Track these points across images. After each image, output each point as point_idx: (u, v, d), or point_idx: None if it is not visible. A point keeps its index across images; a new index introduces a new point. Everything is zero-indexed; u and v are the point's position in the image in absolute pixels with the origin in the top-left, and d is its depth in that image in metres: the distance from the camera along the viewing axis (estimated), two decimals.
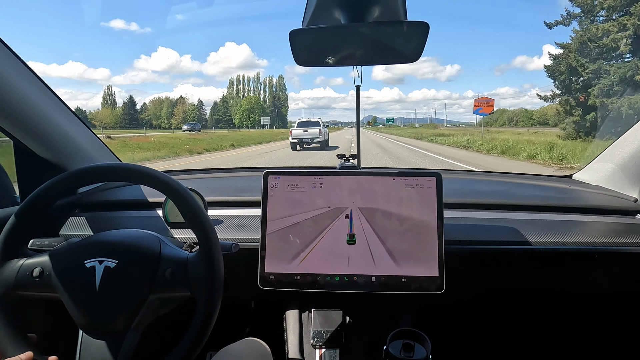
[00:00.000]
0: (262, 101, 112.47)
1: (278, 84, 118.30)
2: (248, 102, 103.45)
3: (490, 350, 1.21)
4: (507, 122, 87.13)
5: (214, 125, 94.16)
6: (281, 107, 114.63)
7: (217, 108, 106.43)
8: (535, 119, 74.84)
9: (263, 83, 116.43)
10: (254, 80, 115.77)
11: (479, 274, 0.96)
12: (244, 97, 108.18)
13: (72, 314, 0.62)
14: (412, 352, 0.74)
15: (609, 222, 1.00)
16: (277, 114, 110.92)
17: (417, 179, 0.81)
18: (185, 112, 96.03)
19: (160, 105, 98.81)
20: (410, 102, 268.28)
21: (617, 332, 1.15)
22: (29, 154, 0.98)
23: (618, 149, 1.18)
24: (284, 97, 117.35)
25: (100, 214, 1.04)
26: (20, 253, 0.65)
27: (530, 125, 66.06)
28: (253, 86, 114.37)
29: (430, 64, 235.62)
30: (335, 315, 0.99)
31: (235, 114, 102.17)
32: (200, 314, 0.61)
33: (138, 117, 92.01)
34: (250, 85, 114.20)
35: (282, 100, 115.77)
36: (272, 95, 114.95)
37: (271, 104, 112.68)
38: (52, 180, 0.65)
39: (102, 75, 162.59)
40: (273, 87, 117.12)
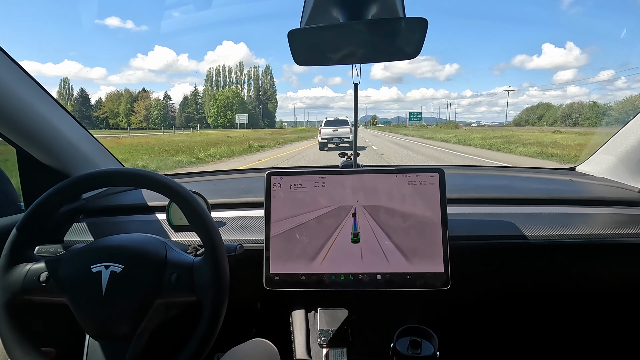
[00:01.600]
0: (244, 95, 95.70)
1: (265, 75, 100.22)
2: (224, 96, 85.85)
3: (498, 344, 1.20)
4: (560, 120, 68.09)
5: (183, 125, 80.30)
6: (268, 102, 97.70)
7: (188, 104, 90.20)
8: (615, 115, 43.18)
9: (247, 75, 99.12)
10: (237, 71, 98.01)
11: (484, 269, 0.96)
12: (219, 91, 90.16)
13: (78, 319, 0.62)
14: (419, 348, 0.74)
15: (614, 213, 1.00)
16: (261, 110, 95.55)
17: (419, 176, 0.81)
18: (147, 109, 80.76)
19: (118, 100, 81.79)
20: (408, 102, 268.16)
21: (624, 323, 1.15)
22: (32, 162, 0.98)
23: (621, 140, 1.17)
24: (272, 91, 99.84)
25: (105, 219, 1.05)
26: (26, 258, 0.65)
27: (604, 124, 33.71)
28: (235, 78, 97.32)
29: (430, 62, 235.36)
30: (342, 314, 0.99)
31: (209, 110, 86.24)
32: (206, 318, 0.61)
33: (91, 114, 79.83)
34: (231, 78, 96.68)
35: (269, 95, 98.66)
36: (257, 89, 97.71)
37: (255, 99, 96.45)
38: (56, 187, 0.66)
39: (98, 75, 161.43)
40: (259, 79, 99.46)
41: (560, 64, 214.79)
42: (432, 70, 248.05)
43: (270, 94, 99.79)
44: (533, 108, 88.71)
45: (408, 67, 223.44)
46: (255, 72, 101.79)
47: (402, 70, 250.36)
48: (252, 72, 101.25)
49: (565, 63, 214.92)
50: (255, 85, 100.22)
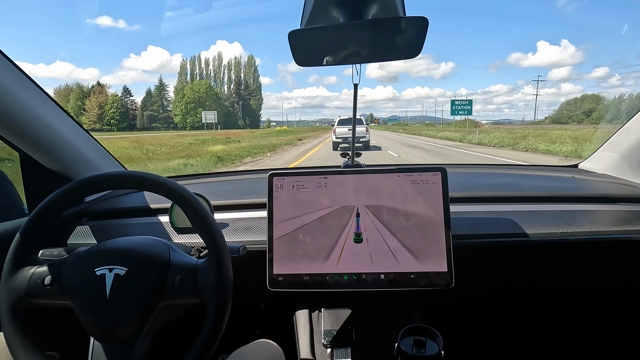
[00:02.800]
0: (222, 89, 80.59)
1: (247, 67, 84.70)
2: (194, 91, 69.53)
3: (502, 343, 1.20)
4: (625, 116, 37.97)
5: (145, 125, 69.09)
6: (250, 98, 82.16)
7: (151, 100, 74.05)
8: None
9: (227, 67, 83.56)
10: (215, 64, 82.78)
11: (488, 268, 0.96)
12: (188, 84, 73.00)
13: (83, 322, 0.62)
14: (424, 348, 0.74)
15: (617, 210, 0.99)
16: (241, 108, 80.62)
17: (422, 175, 0.81)
18: (101, 107, 65.69)
19: (67, 96, 65.31)
20: (403, 101, 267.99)
21: (629, 321, 1.14)
22: (35, 166, 0.98)
23: (623, 137, 1.17)
24: (255, 86, 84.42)
25: (108, 222, 1.05)
26: (31, 262, 0.65)
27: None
28: (214, 71, 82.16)
29: (425, 61, 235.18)
30: (345, 314, 0.99)
31: (176, 107, 71.21)
32: (210, 320, 0.61)
33: None
34: (209, 71, 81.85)
35: (252, 90, 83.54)
36: (237, 82, 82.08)
37: (234, 94, 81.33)
38: (59, 190, 0.66)
39: (90, 75, 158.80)
40: (241, 72, 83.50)
41: (555, 61, 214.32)
42: (427, 69, 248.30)
43: (253, 89, 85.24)
44: (576, 101, 73.20)
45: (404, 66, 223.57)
46: (237, 65, 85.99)
47: (398, 69, 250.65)
48: (233, 63, 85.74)
49: (560, 60, 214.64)
50: (236, 78, 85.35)
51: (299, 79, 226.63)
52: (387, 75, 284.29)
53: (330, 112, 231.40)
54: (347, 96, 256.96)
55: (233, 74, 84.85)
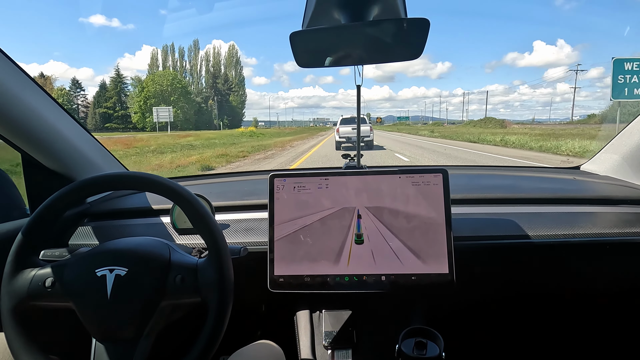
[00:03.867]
0: (192, 82, 68.24)
1: (227, 58, 72.34)
2: (156, 83, 56.16)
3: (504, 345, 1.19)
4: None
5: (97, 126, 58.27)
6: (229, 94, 69.67)
7: (106, 95, 60.95)
8: None
9: (205, 57, 71.42)
10: (190, 53, 70.47)
11: (489, 269, 0.95)
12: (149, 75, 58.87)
13: (84, 323, 0.62)
14: (424, 350, 0.74)
15: (619, 212, 0.99)
16: (217, 104, 68.09)
17: (423, 176, 0.81)
18: None
19: None
20: (400, 100, 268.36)
21: (631, 323, 1.14)
22: (37, 166, 0.99)
23: (625, 139, 1.16)
24: (238, 80, 72.06)
25: (109, 223, 1.05)
26: (32, 263, 0.66)
27: None
28: (190, 63, 70.34)
29: (422, 61, 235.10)
30: (346, 316, 0.99)
31: (133, 103, 58.21)
32: (211, 320, 0.61)
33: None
34: (183, 62, 69.53)
35: (232, 85, 71.27)
36: (213, 75, 69.06)
37: (209, 88, 68.98)
38: (61, 191, 0.66)
39: (85, 75, 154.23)
40: (220, 63, 71.49)
41: (552, 61, 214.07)
42: (424, 69, 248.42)
43: (235, 84, 72.59)
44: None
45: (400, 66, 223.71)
46: (216, 55, 72.93)
47: (395, 69, 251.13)
48: (212, 53, 72.92)
49: (557, 60, 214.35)
50: (215, 69, 71.93)
51: (295, 79, 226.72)
52: (384, 75, 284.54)
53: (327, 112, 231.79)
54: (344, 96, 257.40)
55: (212, 65, 73.11)
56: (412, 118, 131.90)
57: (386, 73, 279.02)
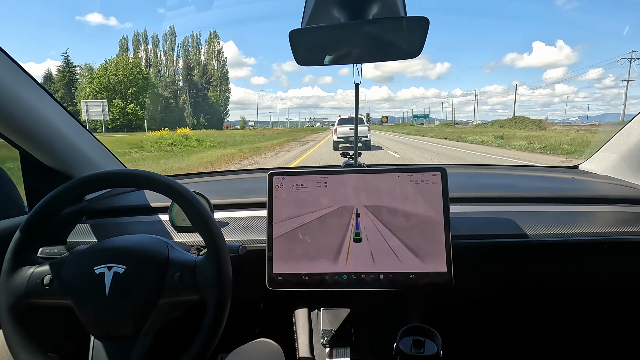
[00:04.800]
0: (172, 75, 59.24)
1: (208, 48, 63.39)
2: (109, 72, 46.14)
3: (501, 344, 1.20)
4: None
5: None
6: (208, 88, 61.34)
7: (51, 87, 49.91)
8: None
9: (183, 47, 62.32)
10: (166, 43, 61.02)
11: (487, 268, 0.96)
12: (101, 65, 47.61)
13: (82, 320, 0.62)
14: (422, 348, 0.74)
15: (617, 211, 0.99)
16: (191, 100, 59.26)
17: (422, 175, 0.81)
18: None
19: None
20: (398, 101, 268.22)
21: (628, 322, 1.14)
22: (35, 164, 0.98)
23: (623, 138, 1.17)
24: (220, 74, 62.80)
25: (107, 220, 1.05)
26: (30, 261, 0.66)
27: None
28: (165, 53, 60.95)
29: (421, 61, 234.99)
30: (345, 314, 0.99)
31: (81, 98, 44.96)
32: (209, 317, 0.61)
33: None
34: (157, 53, 60.24)
35: (212, 79, 62.41)
36: (188, 65, 60.08)
37: (183, 81, 59.88)
38: (59, 189, 0.66)
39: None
40: (201, 54, 62.29)
41: (551, 62, 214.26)
42: (423, 69, 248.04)
43: (215, 79, 63.21)
44: None
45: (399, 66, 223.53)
46: (195, 45, 63.18)
47: (394, 69, 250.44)
48: (190, 42, 63.19)
49: (556, 61, 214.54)
50: (194, 60, 62.25)
51: (294, 79, 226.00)
52: (383, 76, 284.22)
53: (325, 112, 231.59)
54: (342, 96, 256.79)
55: (191, 56, 63.50)
56: (409, 119, 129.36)
57: (385, 73, 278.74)
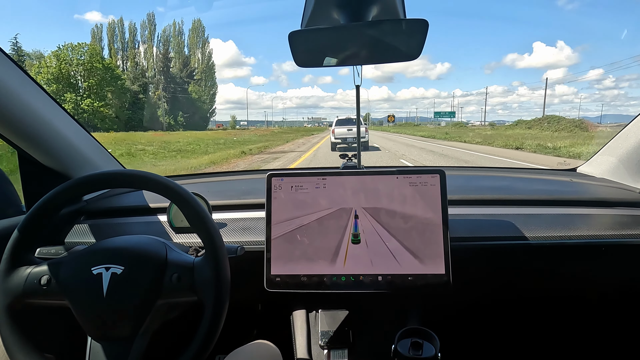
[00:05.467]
0: (144, 67, 51.07)
1: (191, 38, 55.37)
2: (62, 61, 37.75)
3: (499, 346, 1.20)
4: None
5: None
6: (188, 83, 53.46)
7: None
8: None
9: (163, 37, 53.62)
10: (144, 31, 52.59)
11: (485, 270, 0.96)
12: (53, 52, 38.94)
13: (80, 321, 0.62)
14: (420, 350, 0.74)
15: (615, 214, 1.00)
16: (167, 97, 50.48)
17: (420, 177, 0.81)
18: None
19: None
20: (398, 101, 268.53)
21: (625, 325, 1.14)
22: (33, 163, 0.98)
23: (622, 141, 1.17)
24: (204, 67, 54.70)
25: (105, 221, 1.05)
26: (27, 261, 0.65)
27: None
28: (143, 43, 52.53)
29: (421, 62, 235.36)
30: (343, 316, 0.99)
31: None
32: (207, 318, 0.61)
33: None
34: (135, 42, 52.07)
35: (196, 71, 54.43)
36: (164, 55, 51.91)
37: (158, 72, 51.25)
38: (57, 189, 0.66)
39: None
40: (183, 44, 54.50)
41: (551, 62, 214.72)
42: (423, 69, 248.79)
43: (199, 72, 54.61)
44: None
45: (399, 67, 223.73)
46: (177, 34, 54.61)
47: (394, 70, 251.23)
48: (172, 32, 54.42)
49: (556, 62, 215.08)
50: (178, 51, 53.70)
51: (294, 78, 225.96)
52: (383, 76, 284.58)
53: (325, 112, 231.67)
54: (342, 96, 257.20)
55: (172, 46, 54.50)
56: (413, 119, 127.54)
57: (385, 73, 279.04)
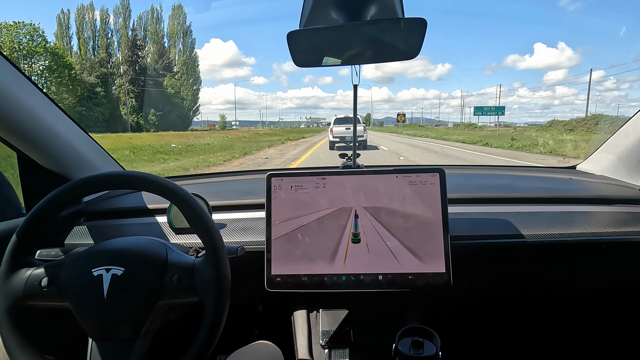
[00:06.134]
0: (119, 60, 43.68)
1: (171, 26, 47.69)
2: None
3: (500, 344, 1.20)
4: None
5: None
6: (164, 76, 45.44)
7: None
8: None
9: (139, 24, 45.82)
10: (117, 18, 45.01)
11: (486, 269, 0.96)
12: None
13: (81, 322, 0.62)
14: (421, 349, 0.74)
15: (615, 211, 1.00)
16: (136, 92, 42.69)
17: (420, 176, 0.81)
18: None
19: None
20: (398, 102, 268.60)
21: (625, 322, 1.14)
22: (33, 165, 0.98)
23: (621, 139, 1.17)
24: (185, 57, 47.38)
25: (105, 222, 1.05)
26: (27, 263, 0.65)
27: None
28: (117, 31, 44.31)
29: (422, 62, 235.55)
30: (343, 315, 0.99)
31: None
32: (208, 319, 0.61)
33: None
34: (106, 30, 43.84)
35: (173, 62, 47.41)
36: (133, 42, 43.89)
37: (125, 62, 43.43)
38: (57, 191, 0.66)
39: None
40: (163, 34, 46.81)
41: (552, 64, 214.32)
42: (423, 70, 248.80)
43: (180, 64, 47.80)
44: None
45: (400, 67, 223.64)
46: (156, 21, 46.61)
47: (394, 70, 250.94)
48: (149, 19, 46.47)
49: (557, 63, 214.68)
50: (155, 40, 46.54)
51: (294, 79, 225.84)
52: (383, 77, 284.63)
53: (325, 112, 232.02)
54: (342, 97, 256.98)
55: (149, 36, 46.05)
56: (417, 120, 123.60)
57: (385, 74, 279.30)
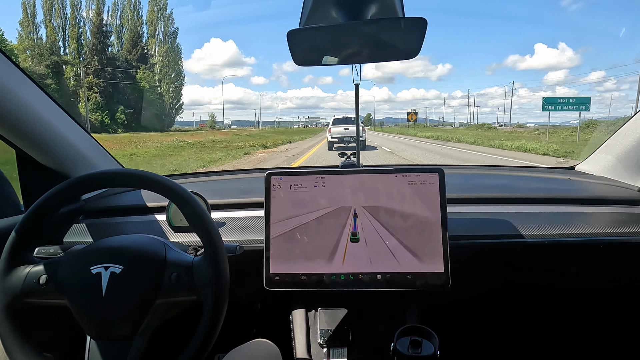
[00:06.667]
0: (75, 45, 38.14)
1: (150, 11, 42.72)
2: None
3: (498, 344, 1.20)
4: None
5: None
6: (136, 68, 40.08)
7: None
8: None
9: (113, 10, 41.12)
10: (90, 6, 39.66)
11: (484, 268, 0.96)
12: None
13: (79, 320, 0.62)
14: (419, 348, 0.74)
15: (613, 212, 1.00)
16: (102, 86, 37.78)
17: (419, 175, 0.81)
18: None
19: None
20: (398, 102, 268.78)
21: (624, 323, 1.15)
22: (32, 163, 0.98)
23: (620, 139, 1.17)
24: (167, 47, 42.56)
25: (104, 220, 1.04)
26: (26, 260, 0.65)
27: None
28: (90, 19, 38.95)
29: (422, 62, 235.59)
30: (342, 314, 0.99)
31: None
32: (206, 317, 0.61)
33: None
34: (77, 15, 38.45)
35: (149, 53, 42.28)
36: (98, 26, 38.80)
37: (89, 52, 38.41)
38: (56, 188, 0.66)
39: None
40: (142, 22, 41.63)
41: (553, 64, 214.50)
42: (424, 70, 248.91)
43: (159, 55, 42.80)
44: None
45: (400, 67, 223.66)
46: (133, 9, 41.82)
47: (394, 70, 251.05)
48: (126, 5, 41.54)
49: (558, 63, 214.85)
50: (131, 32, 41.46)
51: (294, 79, 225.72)
52: (383, 77, 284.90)
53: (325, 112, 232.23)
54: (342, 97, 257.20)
55: (127, 26, 41.42)
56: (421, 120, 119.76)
57: (386, 74, 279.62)
